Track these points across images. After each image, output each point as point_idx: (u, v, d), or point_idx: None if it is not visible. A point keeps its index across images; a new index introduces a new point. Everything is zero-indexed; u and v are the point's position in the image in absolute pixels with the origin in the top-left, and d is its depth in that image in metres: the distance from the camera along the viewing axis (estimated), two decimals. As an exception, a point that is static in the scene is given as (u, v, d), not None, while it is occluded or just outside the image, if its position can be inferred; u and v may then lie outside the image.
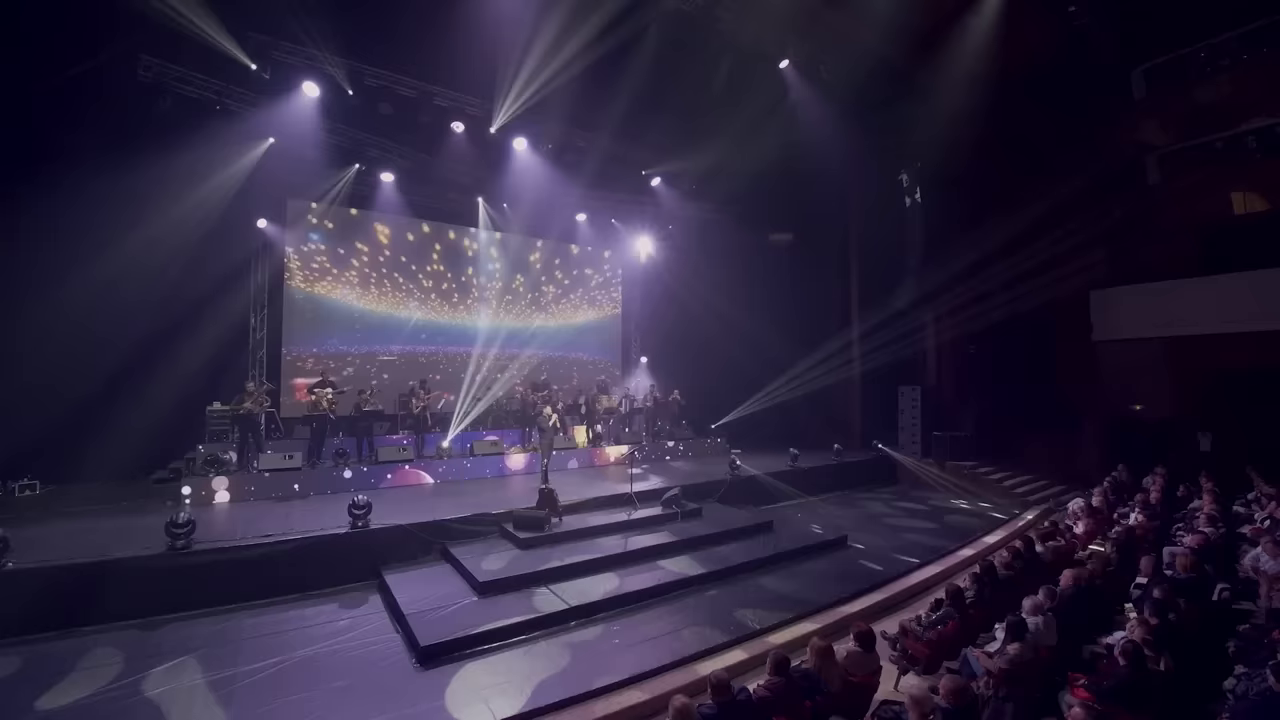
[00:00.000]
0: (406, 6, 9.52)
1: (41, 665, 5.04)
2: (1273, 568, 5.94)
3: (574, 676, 4.86)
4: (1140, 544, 7.26)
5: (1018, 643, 4.38)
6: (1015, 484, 12.37)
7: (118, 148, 9.08)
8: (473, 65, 10.22)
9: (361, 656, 5.27)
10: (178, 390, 10.21)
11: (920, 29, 11.70)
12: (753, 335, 15.30)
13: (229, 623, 5.96)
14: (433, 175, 12.41)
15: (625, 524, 8.21)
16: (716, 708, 3.33)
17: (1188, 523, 8.25)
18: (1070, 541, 7.38)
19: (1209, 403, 12.58)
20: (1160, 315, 13.19)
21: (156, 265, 9.94)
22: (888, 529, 9.59)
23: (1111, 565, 6.12)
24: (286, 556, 6.65)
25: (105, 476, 9.90)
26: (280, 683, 4.81)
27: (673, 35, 10.78)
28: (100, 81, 8.72)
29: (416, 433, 11.14)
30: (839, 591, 6.66)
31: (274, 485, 9.06)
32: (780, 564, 7.59)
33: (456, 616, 5.73)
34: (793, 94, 12.57)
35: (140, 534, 6.71)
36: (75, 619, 5.71)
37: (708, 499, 9.77)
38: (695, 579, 6.87)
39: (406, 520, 7.50)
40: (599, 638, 5.63)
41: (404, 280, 13.30)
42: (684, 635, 5.57)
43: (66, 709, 4.41)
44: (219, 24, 8.89)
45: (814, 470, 12.09)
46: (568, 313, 15.88)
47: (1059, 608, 4.94)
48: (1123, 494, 10.45)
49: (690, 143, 13.41)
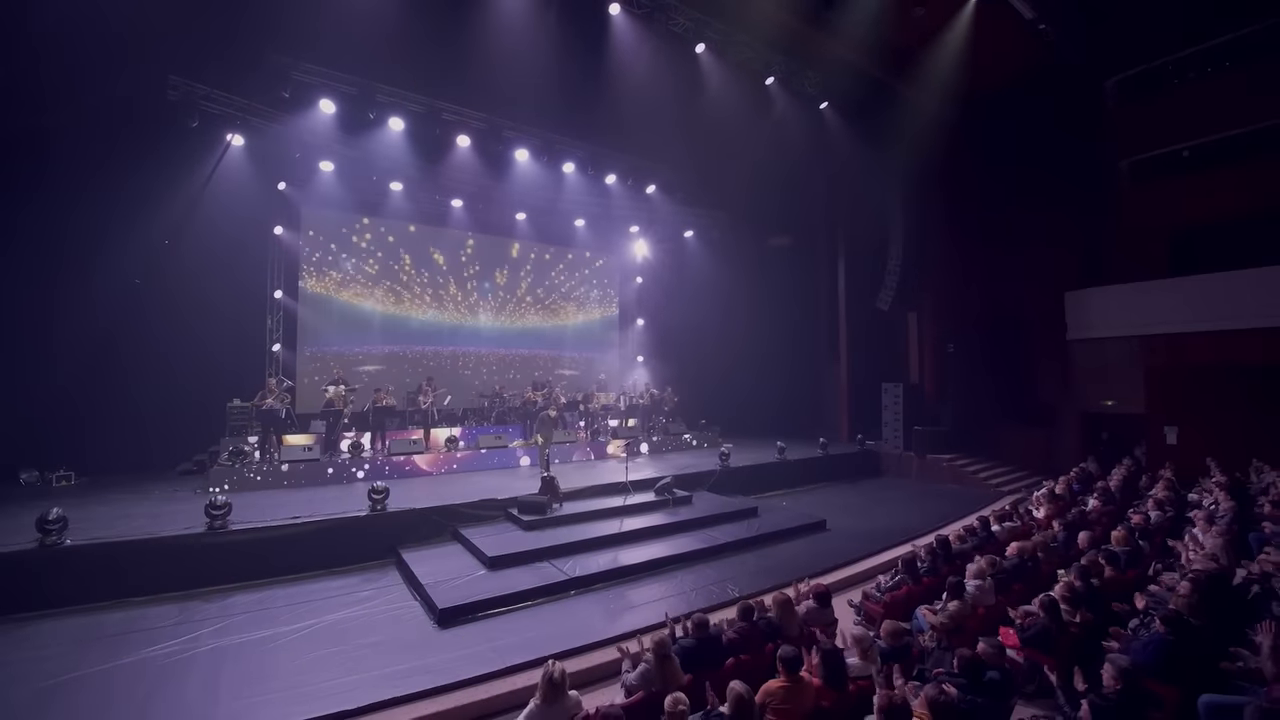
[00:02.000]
0: (415, 30, 10.18)
1: (101, 629, 5.70)
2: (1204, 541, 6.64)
3: (573, 633, 5.54)
4: (1092, 526, 7.96)
5: (957, 601, 5.07)
6: (990, 476, 13.07)
7: (145, 160, 9.81)
8: (478, 83, 10.92)
9: (386, 619, 5.96)
10: (199, 389, 10.97)
11: (899, 44, 12.39)
12: (745, 335, 16.02)
13: (264, 593, 6.64)
14: (439, 183, 13.13)
15: (621, 509, 8.89)
16: (695, 641, 4.02)
17: (1139, 508, 8.95)
18: (1027, 523, 8.07)
19: (1176, 398, 13.28)
20: (1130, 315, 13.91)
21: (178, 270, 10.70)
22: (865, 515, 10.28)
23: (1055, 542, 6.82)
24: (313, 536, 7.34)
25: (133, 469, 10.64)
26: (317, 640, 5.49)
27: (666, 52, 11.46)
28: (131, 99, 9.40)
29: (425, 427, 11.83)
30: (814, 566, 7.33)
31: (295, 475, 9.75)
32: (763, 544, 8.29)
33: (469, 586, 6.42)
34: (779, 105, 13.28)
35: (175, 517, 7.44)
36: (126, 591, 6.37)
37: (698, 488, 10.47)
38: (683, 556, 7.57)
39: (420, 505, 8.21)
40: (595, 603, 6.33)
41: (412, 282, 14.03)
42: (671, 601, 6.26)
43: (135, 664, 5.05)
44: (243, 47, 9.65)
45: (800, 462, 12.79)
46: (566, 314, 16.60)
47: (999, 573, 5.63)
48: (1089, 484, 11.14)
49: (683, 150, 14.12)
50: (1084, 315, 14.56)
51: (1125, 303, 13.98)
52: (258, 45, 9.70)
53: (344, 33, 9.74)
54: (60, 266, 9.89)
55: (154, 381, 10.66)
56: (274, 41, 9.70)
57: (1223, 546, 6.12)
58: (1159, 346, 13.49)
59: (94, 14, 8.62)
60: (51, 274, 9.85)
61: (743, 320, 16.31)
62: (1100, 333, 14.35)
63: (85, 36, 8.88)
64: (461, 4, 10.04)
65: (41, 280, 9.80)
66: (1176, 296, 13.32)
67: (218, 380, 11.14)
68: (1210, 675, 4.21)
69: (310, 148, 11.15)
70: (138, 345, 10.56)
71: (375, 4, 9.68)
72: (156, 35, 9.19)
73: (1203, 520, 7.20)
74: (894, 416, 14.43)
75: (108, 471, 10.43)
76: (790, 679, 3.53)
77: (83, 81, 9.23)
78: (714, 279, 16.39)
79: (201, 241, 10.54)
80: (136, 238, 10.13)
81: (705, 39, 11.46)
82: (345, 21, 9.62)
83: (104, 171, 9.76)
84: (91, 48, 8.99)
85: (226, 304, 11.20)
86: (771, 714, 3.45)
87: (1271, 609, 4.76)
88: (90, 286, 10.01)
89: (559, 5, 10.20)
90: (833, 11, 11.11)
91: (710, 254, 16.69)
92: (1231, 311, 12.58)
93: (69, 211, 9.92)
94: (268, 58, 9.74)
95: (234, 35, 9.76)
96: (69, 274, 9.94)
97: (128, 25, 8.87)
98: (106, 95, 9.32)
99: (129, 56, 9.23)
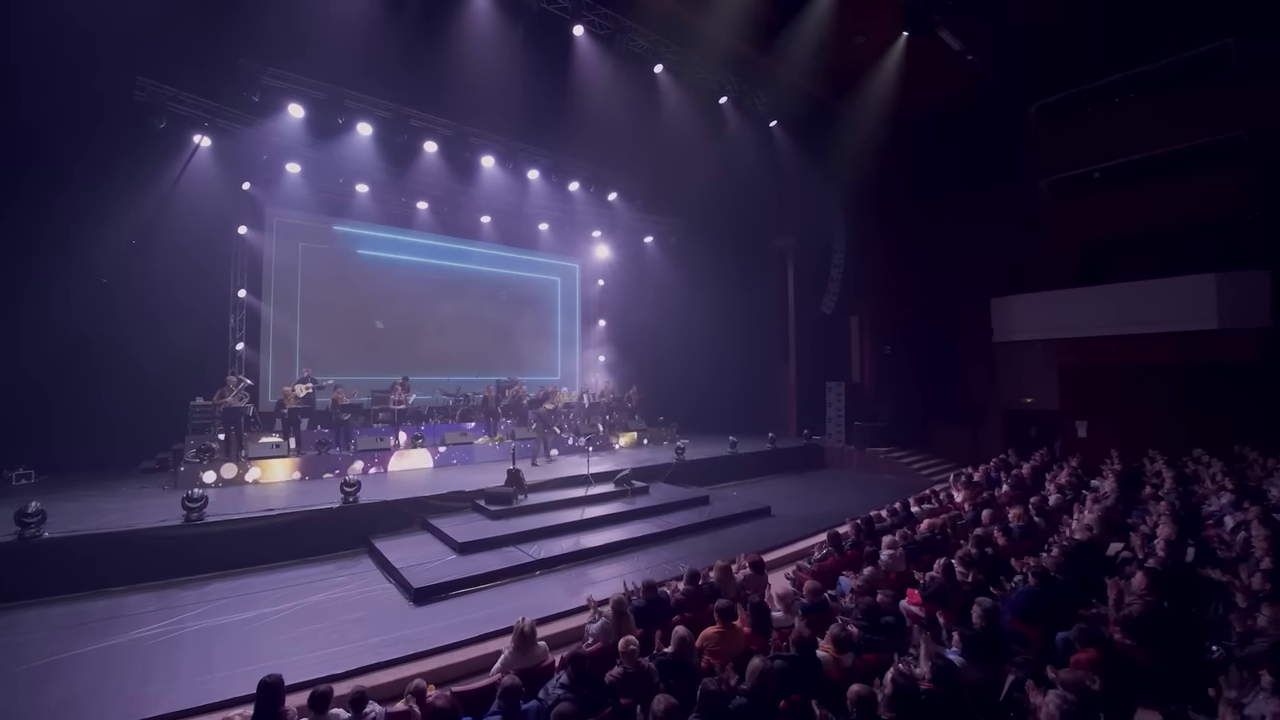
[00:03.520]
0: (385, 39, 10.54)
1: (86, 615, 5.98)
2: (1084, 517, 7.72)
3: (538, 606, 6.13)
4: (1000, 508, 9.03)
5: (872, 567, 5.91)
6: (923, 467, 14.26)
7: (113, 160, 9.89)
8: (446, 92, 11.36)
9: (363, 599, 6.43)
10: (161, 387, 11.00)
11: (841, 69, 13.42)
12: (701, 337, 16.87)
13: (242, 581, 6.98)
14: (406, 187, 13.46)
15: (582, 499, 9.53)
16: (645, 601, 4.71)
17: (1043, 492, 10.12)
18: (945, 505, 9.08)
19: (1085, 396, 14.77)
20: (1046, 320, 15.35)
21: (144, 269, 10.76)
22: (807, 502, 11.20)
23: (963, 519, 7.81)
24: (288, 527, 7.69)
25: (93, 467, 10.64)
26: (299, 619, 5.92)
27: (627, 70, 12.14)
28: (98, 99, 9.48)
29: (394, 424, 12.17)
30: (758, 546, 8.11)
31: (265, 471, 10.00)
32: (713, 528, 9.07)
33: (441, 569, 6.94)
34: (732, 122, 14.16)
35: (148, 511, 7.67)
36: (105, 581, 6.61)
37: (656, 479, 11.18)
38: (640, 539, 8.27)
39: (391, 498, 8.65)
40: (559, 582, 6.95)
41: (379, 283, 14.28)
42: (628, 577, 6.89)
43: (126, 644, 5.37)
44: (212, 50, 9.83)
45: (751, 455, 13.69)
46: (532, 316, 17.08)
47: (910, 545, 6.53)
48: (1007, 471, 12.37)
49: (643, 161, 14.84)
50: (1007, 320, 15.96)
51: (1042, 309, 15.41)
52: (227, 50, 9.87)
53: (314, 40, 10.01)
54: (20, 265, 9.84)
55: (116, 380, 10.68)
56: (244, 46, 9.89)
57: (1097, 520, 7.18)
58: (1070, 349, 14.96)
59: (58, 11, 8.68)
60: (12, 272, 9.79)
61: (699, 323, 17.16)
62: (1021, 336, 15.76)
63: (48, 34, 8.94)
64: (432, 17, 10.45)
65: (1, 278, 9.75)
66: (1086, 304, 14.78)
67: (181, 379, 11.17)
68: (1069, 619, 5.15)
69: (277, 150, 11.36)
70: (101, 344, 10.55)
71: (346, 12, 9.96)
72: (123, 36, 9.25)
73: (1090, 501, 8.32)
74: (837, 413, 15.50)
75: (67, 470, 10.41)
76: (725, 626, 4.25)
77: (46, 79, 9.25)
78: (672, 283, 17.20)
79: (169, 240, 10.62)
80: (104, 237, 10.16)
81: (663, 60, 12.22)
82: (316, 28, 9.88)
83: (69, 171, 9.77)
84: (54, 46, 9.05)
85: (191, 303, 11.28)
86: (708, 654, 4.16)
87: (1124, 570, 5.77)
88: (53, 285, 10.00)
89: (526, 23, 10.72)
90: (780, 38, 12.02)
91: (669, 259, 17.49)
92: (1134, 317, 14.11)
93: (34, 210, 9.88)
94: (237, 62, 9.92)
95: (203, 39, 9.89)
96: (30, 272, 9.90)
97: (92, 24, 8.95)
98: (71, 94, 9.35)
99: (97, 56, 9.28)
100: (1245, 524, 6.87)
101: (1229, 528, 7.31)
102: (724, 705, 3.18)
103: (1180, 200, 13.41)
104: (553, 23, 10.92)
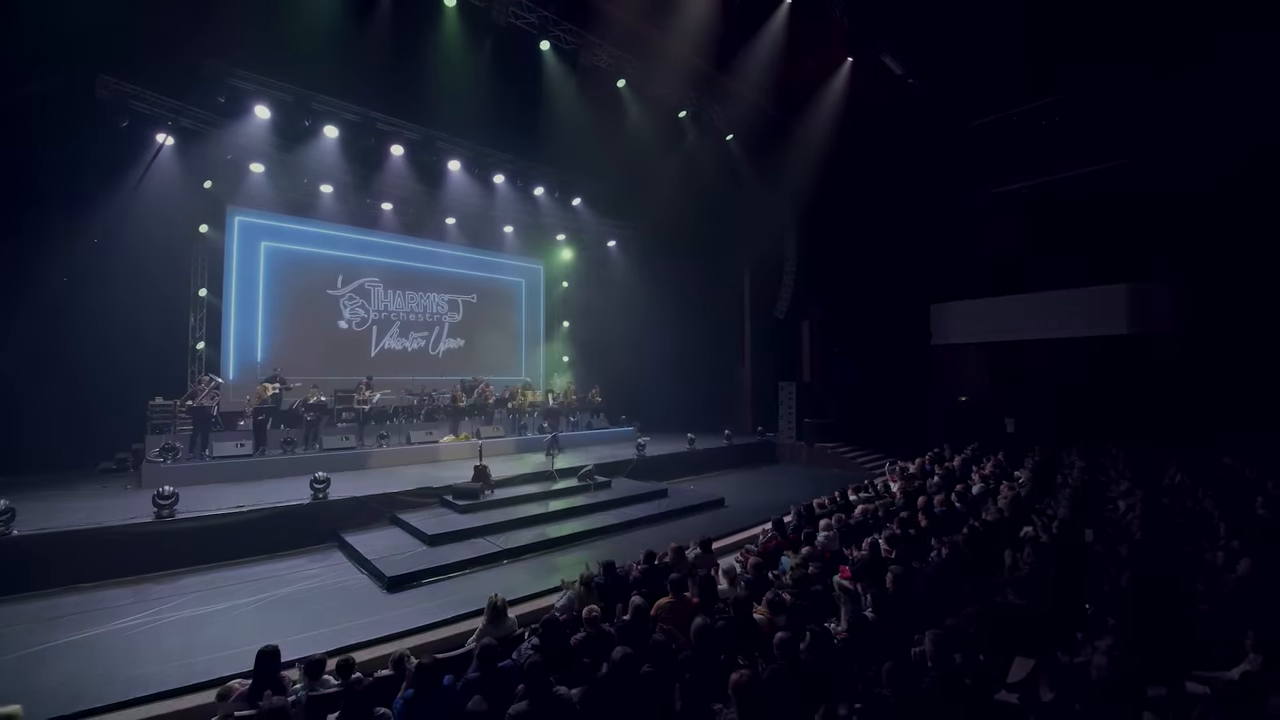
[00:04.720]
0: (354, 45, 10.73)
1: (61, 609, 6.13)
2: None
3: (506, 591, 6.50)
4: (929, 496, 9.94)
5: (809, 547, 6.61)
6: (866, 460, 15.24)
7: (74, 158, 9.79)
8: (414, 98, 11.64)
9: (337, 589, 6.77)
10: (117, 387, 10.88)
11: (792, 87, 14.24)
12: (663, 339, 17.51)
13: (214, 575, 7.19)
14: (371, 188, 13.63)
15: (547, 494, 10.01)
16: (604, 578, 5.26)
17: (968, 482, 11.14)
18: (879, 494, 9.94)
19: (1013, 395, 16.07)
20: (978, 325, 16.65)
21: (100, 270, 10.67)
22: (759, 494, 11.96)
23: (894, 505, 8.64)
24: (258, 523, 7.90)
25: (47, 469, 10.48)
26: (276, 608, 6.23)
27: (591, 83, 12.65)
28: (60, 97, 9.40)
29: (359, 423, 12.34)
30: (711, 532, 8.73)
31: (229, 471, 10.08)
32: (671, 519, 9.69)
33: (412, 559, 7.32)
34: (691, 135, 14.86)
35: (116, 509, 7.77)
36: (77, 577, 6.72)
37: (617, 475, 11.72)
38: (602, 529, 8.81)
39: (360, 494, 8.93)
40: (525, 569, 7.42)
41: (343, 283, 14.38)
42: (589, 564, 7.46)
43: (107, 634, 5.58)
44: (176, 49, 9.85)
45: (708, 451, 14.39)
46: (497, 316, 17.39)
47: (844, 527, 7.28)
48: (940, 464, 13.43)
49: (607, 169, 15.37)
50: (945, 324, 17.22)
51: (975, 315, 16.72)
52: (193, 49, 9.90)
53: (282, 42, 10.12)
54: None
55: (70, 381, 10.54)
56: (210, 46, 9.95)
57: (1008, 504, 8.11)
58: (999, 352, 16.27)
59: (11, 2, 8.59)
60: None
61: (661, 326, 17.79)
62: (957, 340, 17.04)
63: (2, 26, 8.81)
64: (403, 27, 10.68)
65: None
66: (1010, 311, 16.15)
67: (137, 378, 11.07)
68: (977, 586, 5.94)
69: (242, 150, 11.41)
70: (54, 344, 10.42)
71: (316, 17, 10.07)
72: (85, 30, 9.15)
73: (1006, 488, 9.29)
74: (788, 411, 16.40)
75: (24, 471, 10.21)
76: (676, 597, 4.84)
77: (2, 73, 9.12)
78: (635, 287, 17.80)
79: (130, 238, 10.54)
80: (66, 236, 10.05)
81: (625, 75, 12.80)
82: (283, 31, 9.99)
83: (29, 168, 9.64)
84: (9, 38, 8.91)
85: (150, 302, 11.20)
86: (662, 622, 4.73)
87: (1026, 547, 6.61)
88: (10, 284, 9.86)
89: (495, 35, 11.09)
90: (736, 58, 12.75)
91: (631, 264, 18.09)
92: (1048, 324, 15.48)
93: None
94: (203, 62, 9.99)
95: (167, 37, 9.81)
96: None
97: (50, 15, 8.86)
98: (30, 90, 9.22)
99: (53, 52, 9.19)
100: (1132, 506, 7.92)
101: (1121, 510, 8.37)
102: (673, 658, 3.75)
103: (1097, 217, 14.77)
104: (520, 37, 11.34)
